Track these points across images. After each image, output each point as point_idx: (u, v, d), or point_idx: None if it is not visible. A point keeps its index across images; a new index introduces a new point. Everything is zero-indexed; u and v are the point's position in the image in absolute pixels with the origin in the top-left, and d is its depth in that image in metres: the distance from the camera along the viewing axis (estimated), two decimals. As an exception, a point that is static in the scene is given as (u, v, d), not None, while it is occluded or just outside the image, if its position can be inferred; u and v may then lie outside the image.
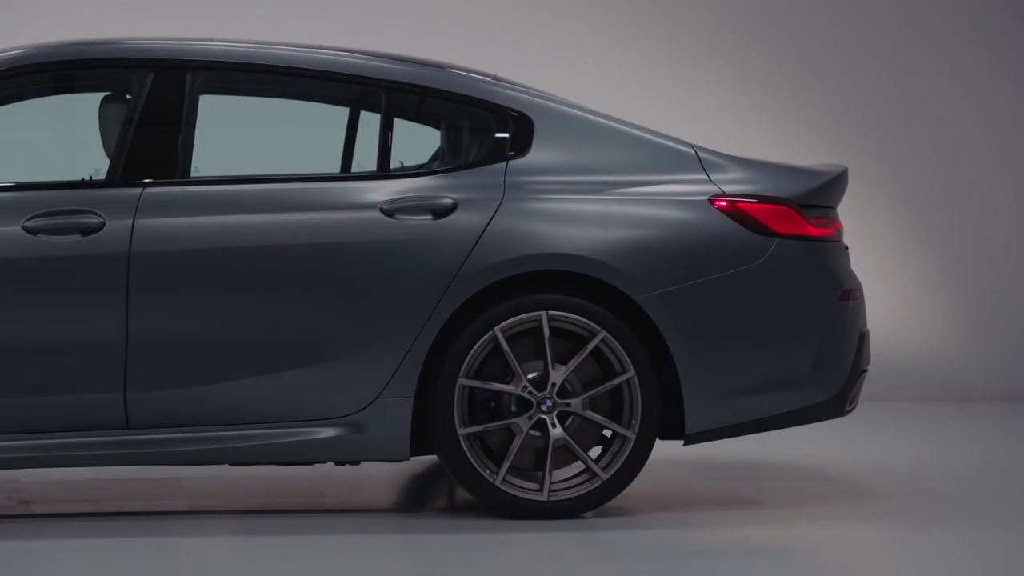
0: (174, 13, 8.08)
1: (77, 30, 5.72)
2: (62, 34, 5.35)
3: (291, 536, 4.93)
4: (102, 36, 5.29)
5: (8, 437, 4.85)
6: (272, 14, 8.25)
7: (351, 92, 5.42)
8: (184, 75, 5.11)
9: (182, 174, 5.07)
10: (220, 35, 5.41)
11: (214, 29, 6.16)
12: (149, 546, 4.81)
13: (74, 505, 5.54)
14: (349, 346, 5.00)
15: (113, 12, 8.10)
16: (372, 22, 8.24)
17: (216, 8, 8.15)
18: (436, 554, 4.81)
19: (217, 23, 7.21)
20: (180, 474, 5.79)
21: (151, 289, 4.93)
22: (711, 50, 8.60)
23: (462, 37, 8.23)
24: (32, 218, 4.89)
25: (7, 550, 4.70)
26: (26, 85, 5.15)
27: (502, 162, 5.20)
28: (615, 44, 8.50)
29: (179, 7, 8.18)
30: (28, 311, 4.86)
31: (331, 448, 5.03)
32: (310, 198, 5.09)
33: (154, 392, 4.93)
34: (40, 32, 5.53)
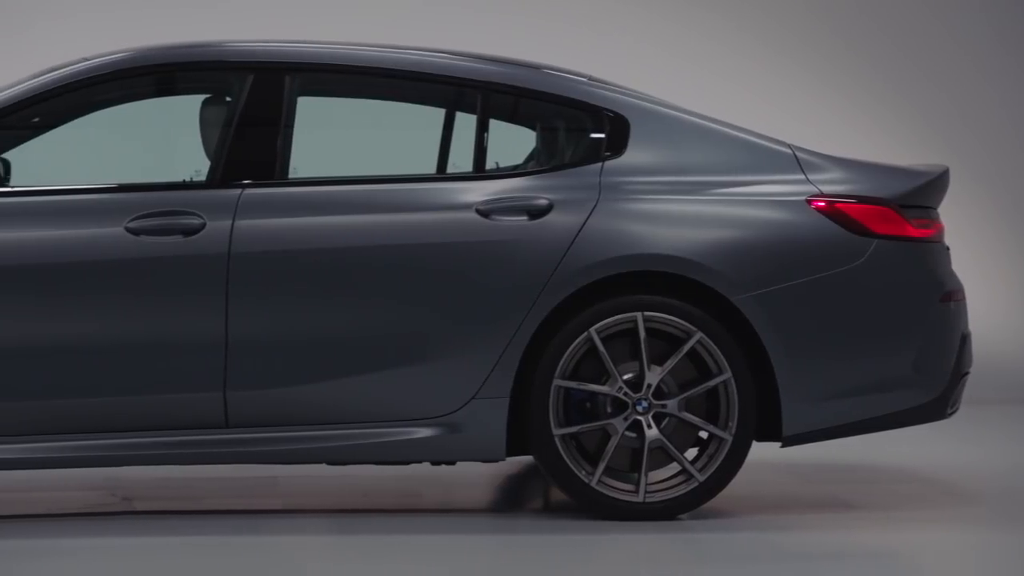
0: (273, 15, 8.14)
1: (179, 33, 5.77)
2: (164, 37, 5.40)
3: (387, 536, 4.93)
4: (203, 39, 5.33)
5: (111, 435, 4.90)
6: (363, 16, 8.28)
7: (447, 93, 5.41)
8: (283, 77, 5.13)
9: (280, 175, 5.09)
10: (318, 37, 5.43)
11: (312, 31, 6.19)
12: (246, 544, 4.82)
13: (174, 503, 5.58)
14: (445, 346, 4.99)
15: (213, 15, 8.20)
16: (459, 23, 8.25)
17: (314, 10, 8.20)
18: (531, 555, 4.78)
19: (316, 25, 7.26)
20: (278, 473, 5.82)
21: (250, 289, 4.94)
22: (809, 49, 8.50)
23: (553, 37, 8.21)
24: (135, 219, 4.93)
25: (108, 546, 4.74)
26: (129, 88, 5.20)
27: (598, 163, 5.17)
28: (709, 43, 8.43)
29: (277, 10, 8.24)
30: (131, 311, 4.90)
31: (427, 448, 5.02)
32: (406, 199, 5.08)
33: (253, 391, 4.95)
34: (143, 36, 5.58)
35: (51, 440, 4.84)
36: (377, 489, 5.79)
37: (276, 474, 5.82)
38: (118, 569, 4.49)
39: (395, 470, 5.81)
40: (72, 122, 5.22)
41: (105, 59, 5.11)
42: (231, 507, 5.51)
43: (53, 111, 5.13)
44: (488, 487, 5.95)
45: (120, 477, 5.75)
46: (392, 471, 5.84)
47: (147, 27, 7.74)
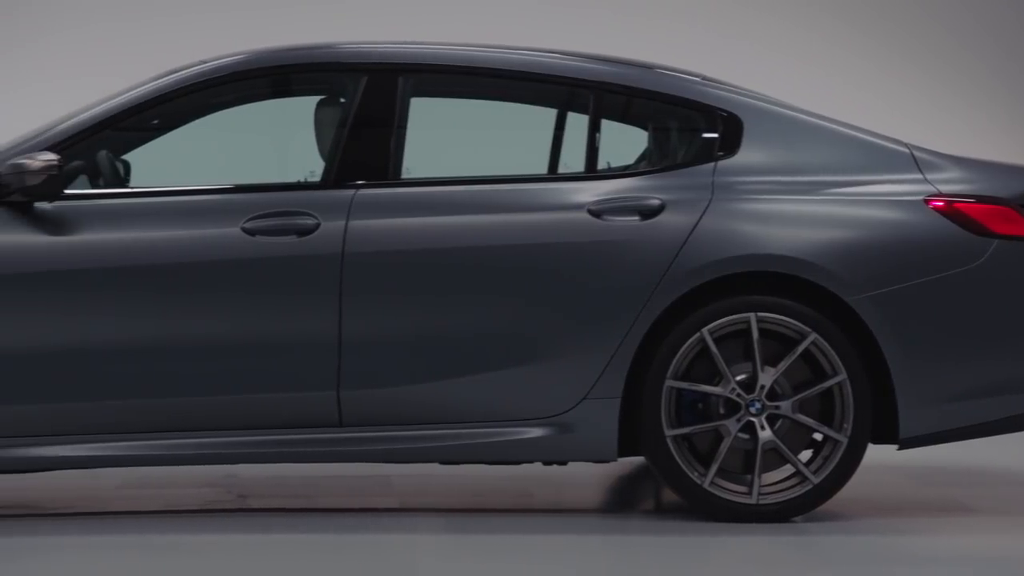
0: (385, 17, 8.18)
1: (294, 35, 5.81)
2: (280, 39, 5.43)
3: (499, 535, 4.91)
4: (317, 41, 5.36)
5: (228, 433, 4.94)
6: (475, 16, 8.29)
7: (559, 93, 5.39)
8: (396, 78, 5.14)
9: (393, 176, 5.10)
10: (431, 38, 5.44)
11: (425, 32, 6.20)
12: (360, 543, 4.84)
13: (288, 500, 5.61)
14: (557, 347, 4.97)
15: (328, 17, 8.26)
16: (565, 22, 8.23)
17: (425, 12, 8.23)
18: (643, 555, 4.74)
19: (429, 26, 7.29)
20: (391, 472, 5.83)
21: (363, 289, 4.96)
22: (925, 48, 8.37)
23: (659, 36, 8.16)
24: (251, 219, 4.96)
25: (225, 543, 4.78)
26: (245, 89, 5.23)
27: (711, 162, 5.11)
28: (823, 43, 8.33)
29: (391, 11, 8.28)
30: (246, 311, 4.93)
31: (538, 448, 5.00)
32: (518, 199, 5.07)
33: (367, 391, 4.96)
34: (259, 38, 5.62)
35: (170, 438, 4.89)
36: (489, 489, 5.79)
37: (389, 473, 5.84)
38: (233, 565, 4.52)
39: (507, 470, 5.79)
40: (190, 124, 5.27)
41: (222, 62, 5.16)
42: (345, 505, 5.54)
43: (172, 113, 5.19)
44: (599, 487, 5.92)
45: (237, 475, 5.80)
46: (504, 471, 5.83)
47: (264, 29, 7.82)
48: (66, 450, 4.85)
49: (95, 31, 9.16)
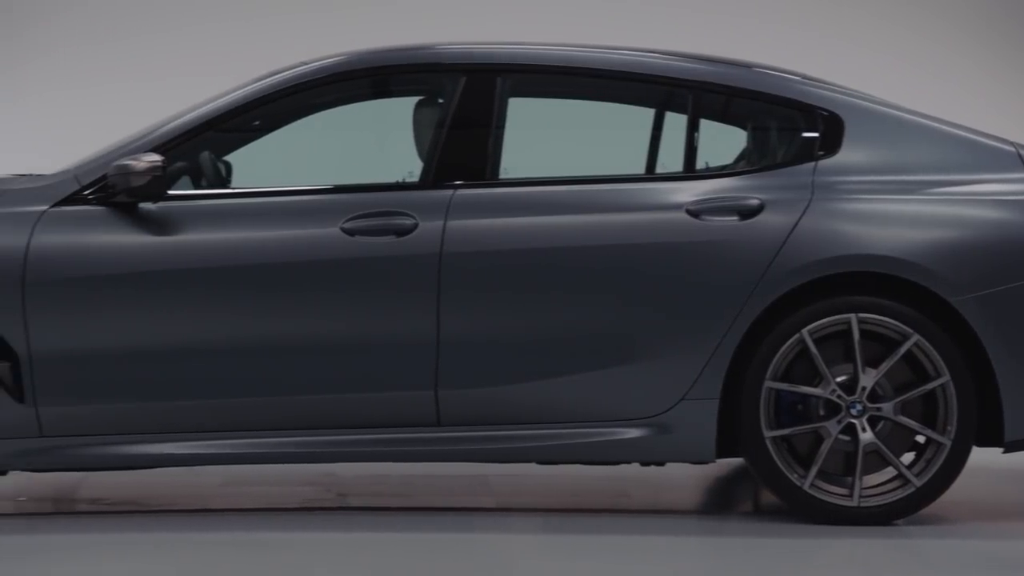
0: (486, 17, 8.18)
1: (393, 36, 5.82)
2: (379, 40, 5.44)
3: (596, 535, 4.89)
4: (416, 42, 5.36)
5: (327, 432, 4.95)
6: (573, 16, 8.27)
7: (658, 93, 5.35)
8: (494, 78, 5.13)
9: (491, 176, 5.10)
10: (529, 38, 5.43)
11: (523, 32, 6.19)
12: (457, 541, 4.83)
13: (386, 499, 5.62)
14: (655, 347, 4.93)
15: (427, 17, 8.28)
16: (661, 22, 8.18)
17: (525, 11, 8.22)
18: (741, 557, 4.69)
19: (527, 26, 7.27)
20: (489, 471, 5.82)
21: (461, 289, 4.95)
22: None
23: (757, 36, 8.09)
24: (350, 220, 4.98)
25: (323, 541, 4.79)
26: (345, 90, 5.25)
27: (811, 162, 5.05)
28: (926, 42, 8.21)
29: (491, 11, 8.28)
30: (345, 310, 4.94)
31: (636, 448, 4.97)
32: (616, 199, 5.04)
33: (465, 390, 4.95)
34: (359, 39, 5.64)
35: (271, 436, 4.92)
36: (586, 489, 5.76)
37: (487, 473, 5.83)
38: (331, 563, 4.53)
39: (604, 470, 5.77)
40: (291, 124, 5.30)
41: (323, 63, 5.18)
42: (442, 505, 5.54)
43: (273, 114, 5.21)
44: (697, 488, 5.87)
45: (336, 473, 5.82)
46: (601, 471, 5.80)
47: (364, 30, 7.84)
48: (169, 448, 4.89)
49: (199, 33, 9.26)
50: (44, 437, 4.85)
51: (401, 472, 5.80)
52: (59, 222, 4.89)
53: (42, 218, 4.89)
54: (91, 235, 4.90)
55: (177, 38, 9.27)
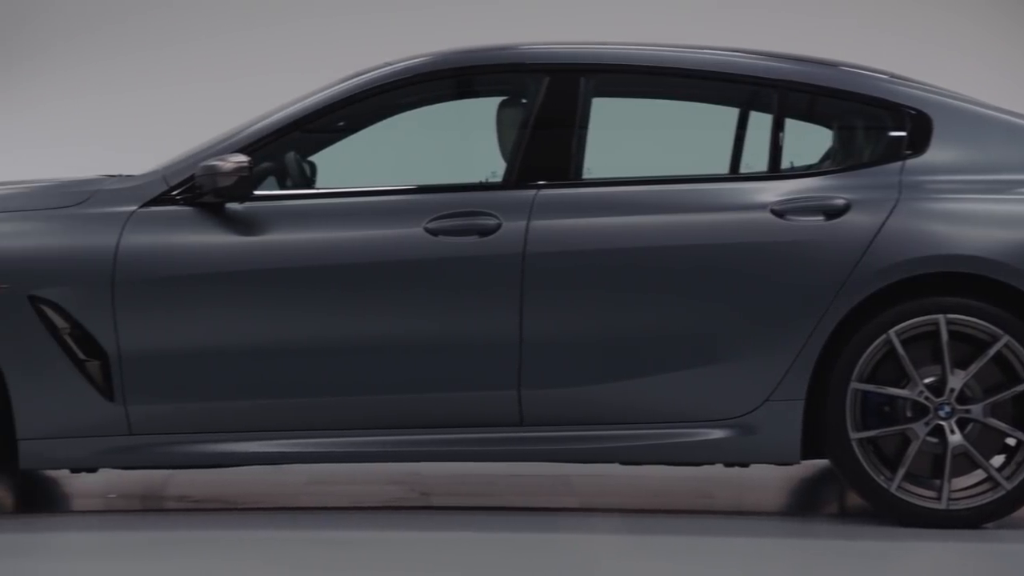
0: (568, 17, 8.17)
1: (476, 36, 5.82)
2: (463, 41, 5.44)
3: (679, 536, 4.85)
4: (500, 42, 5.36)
5: (410, 431, 4.96)
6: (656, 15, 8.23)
7: (742, 92, 5.30)
8: (578, 78, 5.11)
9: (575, 176, 5.08)
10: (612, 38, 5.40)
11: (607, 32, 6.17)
12: (540, 541, 4.81)
13: (469, 499, 5.62)
14: (739, 348, 4.89)
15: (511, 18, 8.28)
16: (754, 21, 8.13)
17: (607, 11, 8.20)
18: (826, 560, 4.64)
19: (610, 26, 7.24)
20: (571, 471, 5.80)
21: (545, 289, 4.93)
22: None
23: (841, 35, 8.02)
24: (434, 220, 4.97)
25: (407, 540, 4.79)
26: (429, 91, 5.25)
27: (898, 161, 4.99)
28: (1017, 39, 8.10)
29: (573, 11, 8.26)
30: (429, 310, 4.94)
31: (720, 449, 4.93)
32: (700, 199, 5.00)
33: (547, 390, 4.94)
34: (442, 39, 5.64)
35: (355, 435, 4.93)
36: (669, 489, 5.72)
37: (569, 473, 5.81)
38: (414, 561, 4.53)
39: (687, 471, 5.73)
40: (375, 125, 5.31)
41: (407, 63, 5.18)
42: (525, 504, 5.52)
43: (357, 115, 5.22)
44: (782, 490, 5.81)
45: (419, 473, 5.83)
46: (684, 472, 5.77)
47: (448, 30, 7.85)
48: (256, 446, 4.91)
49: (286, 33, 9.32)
50: (133, 435, 4.89)
51: (484, 471, 5.79)
52: (148, 222, 4.93)
53: (131, 218, 4.93)
54: (179, 235, 4.93)
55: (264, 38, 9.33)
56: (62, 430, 4.85)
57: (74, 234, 4.90)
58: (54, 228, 4.91)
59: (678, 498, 5.63)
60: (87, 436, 4.87)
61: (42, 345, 4.82)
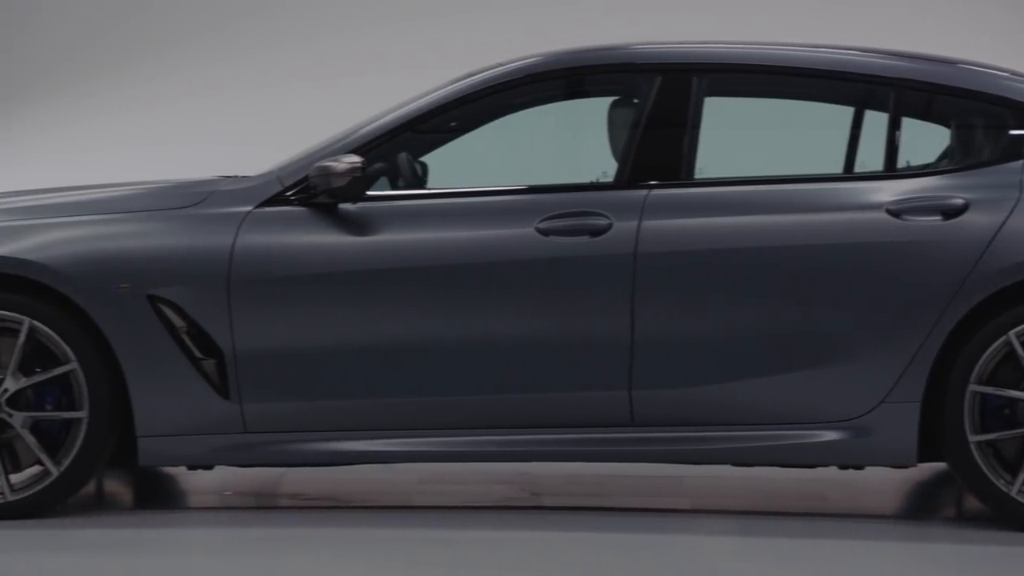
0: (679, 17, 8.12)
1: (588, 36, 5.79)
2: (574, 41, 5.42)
3: (792, 539, 4.78)
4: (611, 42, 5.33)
5: (521, 431, 4.94)
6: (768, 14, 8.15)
7: (857, 91, 5.22)
8: (690, 78, 5.07)
9: (686, 176, 5.03)
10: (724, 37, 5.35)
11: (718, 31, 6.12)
12: (650, 542, 4.77)
13: (580, 499, 5.59)
14: (853, 349, 4.81)
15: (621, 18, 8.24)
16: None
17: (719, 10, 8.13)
18: (944, 564, 4.55)
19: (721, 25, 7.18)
20: (683, 472, 5.75)
21: (656, 289, 4.89)
22: None
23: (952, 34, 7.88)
24: (545, 220, 4.95)
25: (517, 539, 4.78)
26: (541, 91, 5.23)
27: (1019, 160, 4.89)
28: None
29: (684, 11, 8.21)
30: (540, 310, 4.92)
31: (834, 452, 4.86)
32: (813, 199, 4.93)
33: (659, 391, 4.90)
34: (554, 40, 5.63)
35: (466, 434, 4.93)
36: (782, 492, 5.66)
37: (681, 474, 5.76)
38: (524, 560, 4.52)
39: (800, 473, 5.66)
40: (486, 125, 5.31)
41: (518, 64, 5.16)
42: (636, 505, 5.48)
43: (469, 115, 5.22)
44: (897, 493, 5.72)
45: (530, 472, 5.81)
46: (797, 474, 5.69)
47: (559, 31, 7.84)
48: (368, 445, 4.92)
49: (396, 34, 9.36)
50: (248, 433, 4.93)
51: (595, 472, 5.76)
52: (263, 222, 4.97)
53: (247, 218, 4.97)
54: (293, 235, 4.96)
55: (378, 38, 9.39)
56: (179, 428, 4.90)
57: (191, 234, 4.95)
58: (172, 228, 4.96)
59: (791, 500, 5.56)
60: (203, 434, 4.91)
61: (160, 344, 4.87)
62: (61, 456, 4.90)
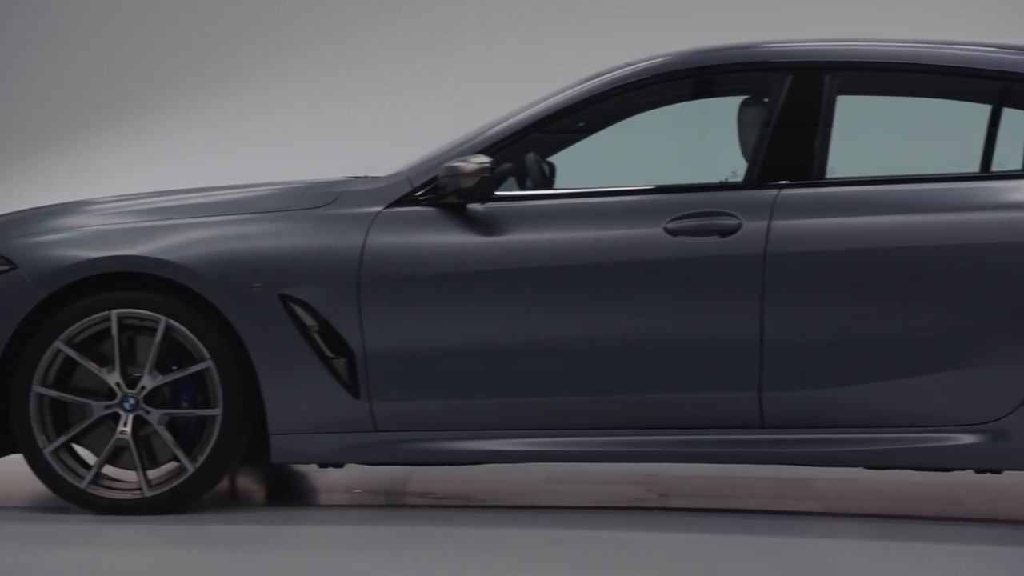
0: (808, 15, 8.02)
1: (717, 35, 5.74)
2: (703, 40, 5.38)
3: (927, 543, 4.67)
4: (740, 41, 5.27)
5: (649, 431, 4.91)
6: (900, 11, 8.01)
7: (993, 88, 5.09)
8: (822, 76, 4.99)
9: (818, 176, 4.96)
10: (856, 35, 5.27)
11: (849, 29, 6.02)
12: (780, 545, 4.69)
13: (709, 500, 5.53)
14: (991, 351, 4.69)
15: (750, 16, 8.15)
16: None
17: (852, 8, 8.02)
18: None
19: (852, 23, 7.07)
20: (813, 475, 5.68)
21: (786, 290, 4.82)
22: None
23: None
24: (673, 220, 4.91)
25: (645, 540, 4.73)
26: (669, 91, 5.19)
27: None
28: None
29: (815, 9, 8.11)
30: (668, 311, 4.88)
31: (970, 455, 4.74)
32: (948, 198, 4.82)
33: (789, 392, 4.82)
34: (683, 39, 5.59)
35: (594, 435, 4.90)
36: (916, 495, 5.54)
37: (812, 476, 5.68)
38: (650, 562, 4.47)
39: (935, 476, 5.53)
40: (614, 125, 5.28)
41: (647, 63, 5.12)
42: (765, 507, 5.41)
43: (597, 115, 5.20)
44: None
45: (658, 473, 5.77)
46: (932, 477, 5.56)
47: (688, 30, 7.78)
48: (497, 444, 4.91)
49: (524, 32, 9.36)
50: (378, 432, 4.95)
51: (724, 473, 5.70)
52: (393, 222, 4.99)
53: (377, 219, 5.00)
54: (422, 235, 4.97)
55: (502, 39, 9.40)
56: (310, 426, 4.94)
57: (323, 234, 4.99)
58: (304, 228, 5.01)
59: (925, 504, 5.45)
60: (334, 432, 4.94)
61: (292, 343, 4.91)
62: (196, 453, 4.97)
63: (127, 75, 9.79)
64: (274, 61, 9.66)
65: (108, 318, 4.95)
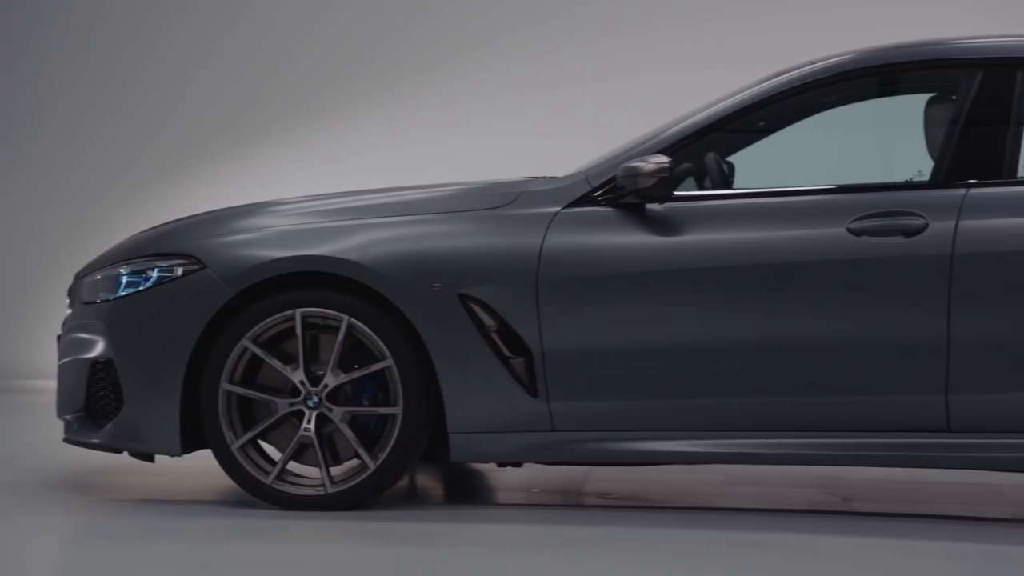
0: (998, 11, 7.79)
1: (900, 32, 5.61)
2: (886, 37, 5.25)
3: (1123, 554, 4.51)
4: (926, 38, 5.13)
5: (833, 434, 4.80)
6: None
7: None
8: (1014, 73, 4.83)
9: (1008, 175, 4.80)
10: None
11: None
12: (968, 552, 4.54)
13: (893, 505, 5.39)
14: None
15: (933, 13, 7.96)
16: None
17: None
18: None
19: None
20: (1003, 480, 5.49)
21: (974, 291, 4.67)
22: None
23: None
24: (856, 220, 4.79)
25: (828, 544, 4.62)
26: (853, 89, 5.07)
27: None
28: None
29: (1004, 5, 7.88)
30: (852, 312, 4.76)
31: None
32: None
33: (977, 395, 4.67)
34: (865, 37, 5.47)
35: (775, 437, 4.81)
36: (1110, 504, 5.33)
37: (1001, 481, 5.50)
38: (834, 566, 4.37)
39: None
40: (794, 124, 5.18)
41: (829, 62, 5.01)
42: (953, 513, 5.24)
43: (777, 114, 5.11)
44: None
45: (842, 477, 5.64)
46: None
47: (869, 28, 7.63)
48: (675, 445, 4.85)
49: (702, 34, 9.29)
50: (555, 431, 4.92)
51: (909, 478, 5.55)
52: (571, 222, 4.96)
53: (555, 219, 4.97)
54: (600, 235, 4.93)
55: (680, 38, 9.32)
56: (489, 425, 4.94)
57: (502, 234, 4.98)
58: (483, 229, 5.01)
59: (1120, 513, 5.24)
60: (512, 431, 4.93)
61: (471, 342, 4.92)
62: (377, 450, 5.01)
63: (312, 78, 9.95)
64: (456, 62, 9.73)
65: (292, 317, 5.01)
